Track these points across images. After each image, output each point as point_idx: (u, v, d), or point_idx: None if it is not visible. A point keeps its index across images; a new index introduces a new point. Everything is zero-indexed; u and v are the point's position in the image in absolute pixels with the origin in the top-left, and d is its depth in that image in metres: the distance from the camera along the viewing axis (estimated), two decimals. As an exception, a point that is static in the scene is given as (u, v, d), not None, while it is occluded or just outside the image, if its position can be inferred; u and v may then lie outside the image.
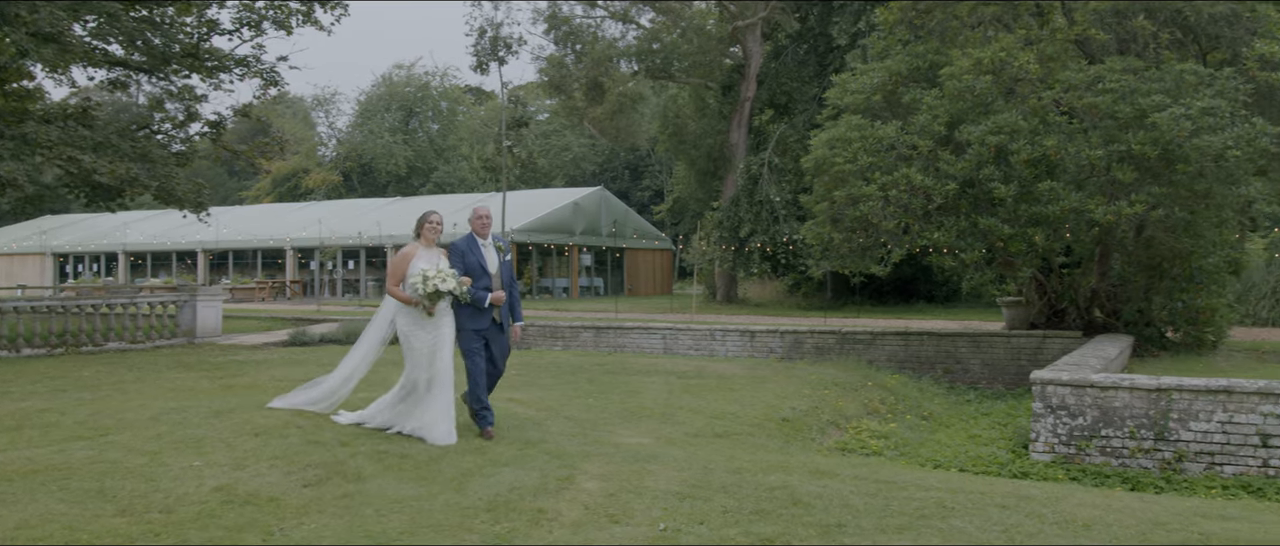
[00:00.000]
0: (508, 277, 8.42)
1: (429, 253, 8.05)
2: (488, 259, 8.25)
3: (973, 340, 17.88)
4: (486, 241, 8.35)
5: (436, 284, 7.70)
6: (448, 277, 7.76)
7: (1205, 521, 5.96)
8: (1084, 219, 14.88)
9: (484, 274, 8.16)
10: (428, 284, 7.70)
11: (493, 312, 8.24)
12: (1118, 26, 16.24)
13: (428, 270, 7.77)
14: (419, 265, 7.89)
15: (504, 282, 8.36)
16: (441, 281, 7.72)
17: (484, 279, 8.15)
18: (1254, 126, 13.80)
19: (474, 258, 8.17)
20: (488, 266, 8.21)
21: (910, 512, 5.90)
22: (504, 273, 8.37)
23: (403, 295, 7.93)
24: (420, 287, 7.73)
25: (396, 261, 8.04)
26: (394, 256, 8.19)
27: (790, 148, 29.41)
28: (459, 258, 8.13)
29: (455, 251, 8.17)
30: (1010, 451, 10.95)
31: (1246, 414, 9.77)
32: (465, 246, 8.23)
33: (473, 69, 33.86)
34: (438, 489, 6.26)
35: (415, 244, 8.10)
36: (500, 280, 8.32)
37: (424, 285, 7.71)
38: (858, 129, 16.73)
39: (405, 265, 7.95)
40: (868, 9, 27.50)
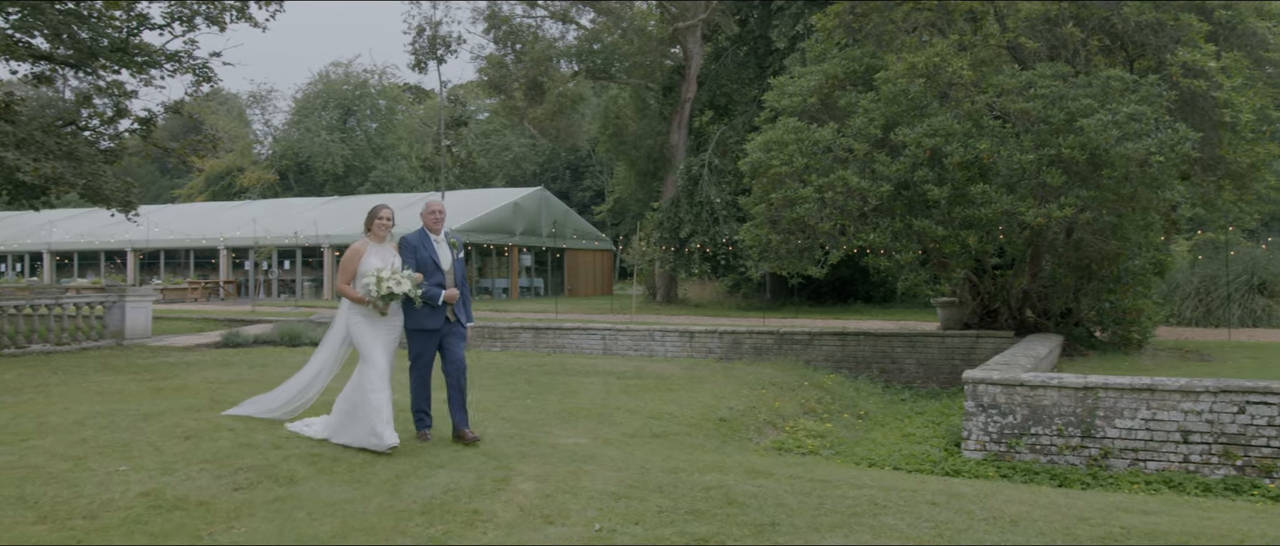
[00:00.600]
0: (460, 275, 8.17)
1: (381, 249, 7.80)
2: (441, 255, 7.99)
3: (908, 340, 18.13)
4: (439, 237, 8.08)
5: (391, 286, 7.45)
6: (403, 279, 7.50)
7: (1127, 516, 6.12)
8: (1016, 221, 15.17)
9: (437, 270, 7.91)
10: (382, 286, 7.45)
11: (446, 311, 8.00)
12: (1048, 33, 16.58)
13: (382, 270, 7.53)
14: (371, 262, 7.65)
15: (457, 280, 8.11)
16: (396, 283, 7.47)
17: (437, 275, 7.91)
18: (1177, 132, 14.17)
19: (426, 253, 7.92)
20: (441, 262, 7.96)
21: (843, 511, 5.97)
22: (457, 269, 8.13)
23: (354, 294, 7.67)
24: (374, 289, 7.48)
25: (347, 258, 7.77)
26: (345, 253, 7.80)
27: (730, 149, 29.58)
28: (411, 253, 7.88)
29: (407, 246, 7.91)
30: (943, 449, 11.12)
31: (1168, 411, 10.04)
32: (418, 241, 7.97)
33: (411, 68, 33.61)
34: (372, 491, 6.20)
35: (365, 239, 7.84)
36: (453, 277, 8.07)
37: (378, 287, 7.46)
38: (795, 131, 16.88)
39: (356, 262, 7.70)
40: (806, 13, 27.77)
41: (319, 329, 19.92)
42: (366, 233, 7.87)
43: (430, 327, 7.91)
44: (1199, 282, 23.66)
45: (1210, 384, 9.99)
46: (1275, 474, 9.64)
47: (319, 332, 19.49)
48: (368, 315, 7.68)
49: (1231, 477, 9.68)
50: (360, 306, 7.68)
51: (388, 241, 7.95)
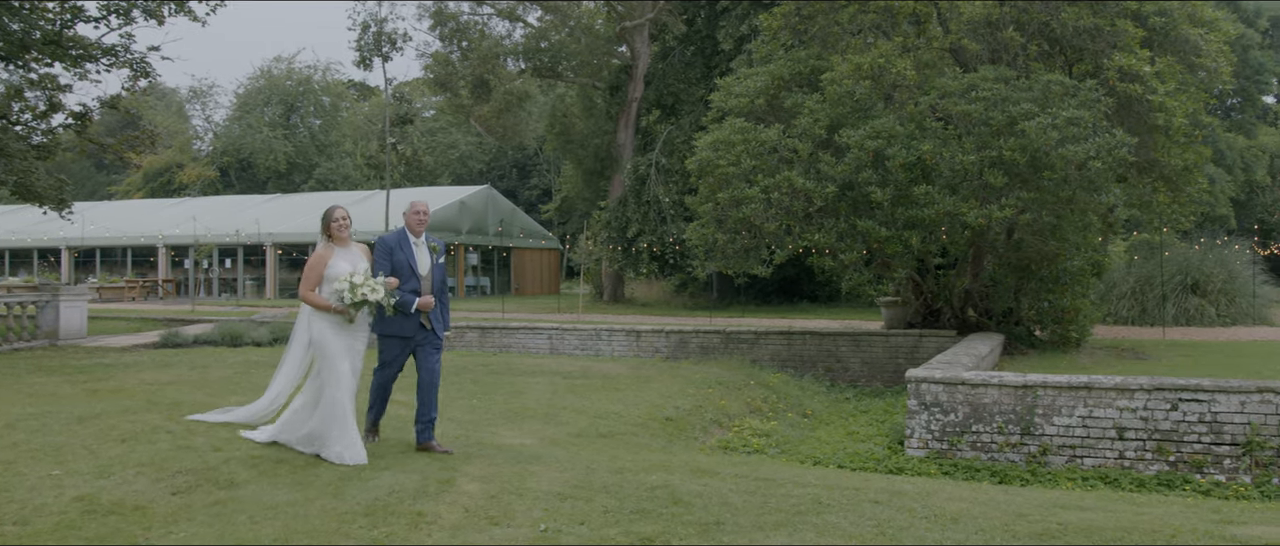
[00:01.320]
0: (439, 281, 7.71)
1: (346, 251, 7.37)
2: (418, 258, 7.55)
3: (852, 339, 18.31)
4: (419, 240, 7.62)
5: (365, 292, 7.01)
6: (377, 286, 7.06)
7: (1064, 512, 6.23)
8: (958, 222, 15.39)
9: (412, 275, 7.48)
10: (356, 292, 7.00)
11: (420, 317, 7.55)
12: (990, 37, 16.84)
13: (354, 274, 7.09)
14: (340, 266, 7.21)
15: (434, 287, 7.65)
16: (370, 290, 7.02)
17: (412, 281, 7.47)
18: (1114, 137, 14.48)
19: (403, 256, 7.48)
20: (417, 267, 7.51)
21: (787, 509, 6.01)
22: (436, 275, 7.67)
23: (321, 302, 7.18)
24: (347, 295, 7.01)
25: (312, 265, 7.30)
26: (309, 260, 7.33)
27: (677, 149, 29.65)
28: (386, 255, 7.45)
29: (383, 247, 7.48)
30: (887, 447, 11.25)
31: (1105, 409, 10.25)
32: (395, 243, 7.53)
33: (356, 64, 33.18)
34: (314, 494, 6.11)
35: (328, 244, 7.38)
36: (431, 283, 7.62)
37: (351, 293, 7.00)
38: (741, 132, 16.97)
39: (321, 268, 7.24)
40: (752, 14, 27.93)
41: (260, 328, 19.64)
42: (327, 238, 7.41)
43: (402, 335, 7.52)
44: (1135, 283, 24.18)
45: (1145, 382, 10.22)
46: (1206, 469, 9.88)
47: (261, 332, 19.22)
48: (335, 323, 7.23)
49: (1165, 473, 9.91)
50: (327, 314, 7.23)
51: (355, 242, 7.53)
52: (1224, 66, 17.15)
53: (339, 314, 7.18)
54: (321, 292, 7.27)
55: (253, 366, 13.87)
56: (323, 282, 7.27)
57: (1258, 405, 9.87)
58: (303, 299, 7.37)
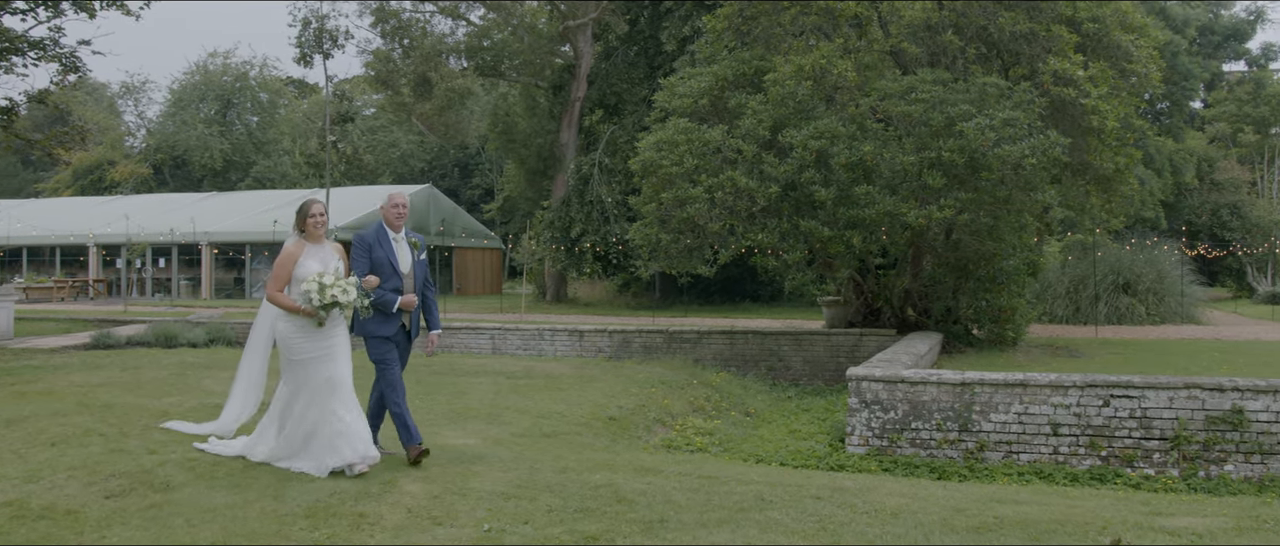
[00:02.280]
0: (422, 279, 7.36)
1: (318, 249, 6.90)
2: (399, 255, 7.16)
3: (794, 338, 18.46)
4: (399, 236, 7.23)
5: (335, 294, 6.54)
6: (348, 287, 6.61)
7: (1000, 506, 6.35)
8: (898, 222, 15.59)
9: (393, 273, 7.09)
10: (325, 293, 6.53)
11: (402, 318, 7.17)
12: (929, 40, 17.09)
13: (324, 275, 6.62)
14: (309, 264, 6.75)
15: (417, 284, 7.28)
16: (341, 291, 6.56)
17: (393, 279, 7.08)
18: (1048, 138, 14.78)
19: (382, 253, 7.08)
20: (398, 264, 7.13)
21: (730, 506, 6.04)
22: (418, 273, 7.30)
23: (289, 303, 6.71)
24: (316, 297, 6.54)
25: (280, 262, 6.83)
26: (278, 257, 6.89)
27: (621, 148, 29.66)
28: (364, 252, 7.04)
29: (361, 244, 7.08)
30: (828, 445, 11.36)
31: (1039, 405, 10.46)
32: (374, 239, 7.11)
33: (296, 61, 32.73)
34: (253, 496, 6.01)
35: (299, 240, 6.91)
36: (413, 281, 7.24)
37: (321, 294, 6.53)
38: (685, 132, 17.03)
39: (290, 266, 6.79)
40: (695, 14, 28.04)
41: (196, 329, 19.28)
42: (300, 233, 6.94)
43: (383, 335, 7.11)
44: (1069, 282, 24.73)
45: (1078, 379, 10.44)
46: (1136, 463, 10.13)
47: (196, 333, 18.86)
48: (303, 326, 6.75)
49: (1097, 467, 10.14)
50: (295, 317, 6.75)
51: (329, 241, 7.10)
52: (1154, 72, 17.60)
53: (308, 316, 6.70)
54: (290, 293, 6.81)
55: (188, 368, 13.61)
56: (292, 283, 6.82)
57: (1185, 401, 10.14)
58: (269, 299, 6.91)
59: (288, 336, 6.78)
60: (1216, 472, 9.91)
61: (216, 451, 7.19)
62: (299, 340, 6.75)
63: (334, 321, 6.81)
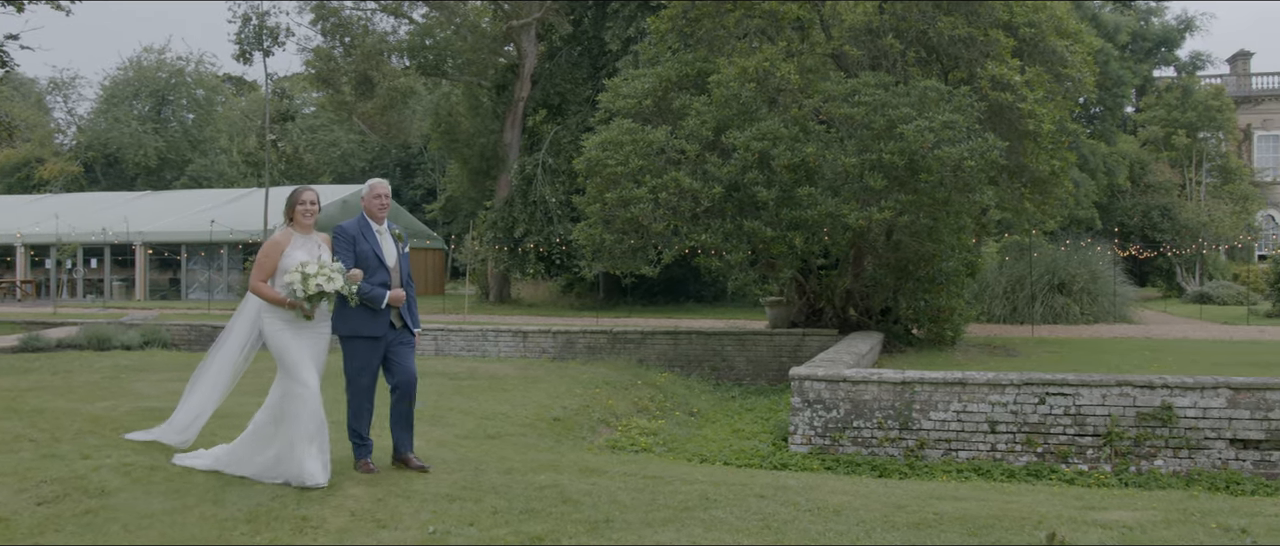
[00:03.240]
0: (407, 272, 6.99)
1: (306, 241, 6.59)
2: (384, 248, 6.78)
3: (738, 338, 18.57)
4: (382, 227, 6.87)
5: (320, 283, 6.22)
6: (334, 274, 6.28)
7: (939, 502, 6.45)
8: (840, 223, 15.75)
9: (380, 267, 6.69)
10: (309, 283, 6.21)
11: (391, 315, 6.76)
12: (871, 44, 17.29)
13: (307, 264, 6.32)
14: (296, 256, 6.43)
15: (403, 278, 6.91)
16: (326, 279, 6.24)
17: (380, 273, 6.67)
18: (986, 141, 15.05)
19: (367, 246, 6.70)
20: (384, 257, 6.75)
21: (675, 506, 6.07)
22: (403, 266, 6.93)
23: (273, 294, 6.41)
24: (299, 287, 6.22)
25: (265, 252, 6.51)
26: (262, 247, 6.57)
27: (564, 149, 29.60)
28: (347, 245, 6.66)
29: (343, 237, 6.70)
30: (771, 444, 11.44)
31: (978, 403, 10.64)
32: (356, 231, 6.75)
33: (235, 58, 32.19)
34: (192, 501, 5.89)
35: (287, 230, 6.60)
36: (399, 275, 6.86)
37: (305, 284, 6.21)
38: (629, 132, 17.05)
39: (276, 256, 6.46)
40: (639, 15, 28.08)
41: (130, 331, 18.88)
42: (288, 223, 6.64)
43: (371, 335, 6.66)
44: (1007, 283, 25.18)
45: (1014, 377, 10.64)
46: (1071, 459, 10.35)
47: (130, 336, 18.46)
48: (291, 321, 6.43)
49: (1033, 464, 10.35)
50: (281, 310, 6.41)
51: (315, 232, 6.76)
52: (1088, 77, 18.00)
53: (293, 308, 6.37)
54: (275, 285, 6.47)
55: (123, 371, 13.32)
56: (277, 273, 6.47)
57: (1117, 398, 10.38)
58: (252, 291, 6.55)
59: (276, 334, 6.45)
60: (1147, 467, 10.16)
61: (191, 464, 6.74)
62: (287, 336, 6.43)
63: (322, 317, 6.51)
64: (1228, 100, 42.64)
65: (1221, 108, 41.46)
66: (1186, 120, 41.04)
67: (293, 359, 6.40)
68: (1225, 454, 10.12)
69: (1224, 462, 10.09)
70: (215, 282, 35.57)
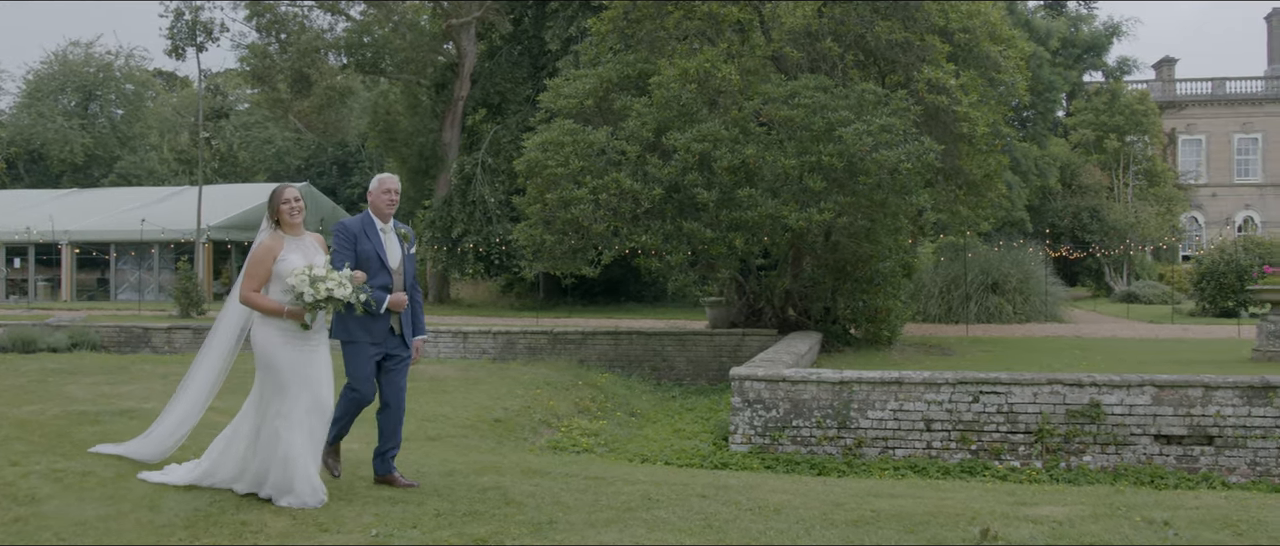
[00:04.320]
0: (411, 276, 6.50)
1: (299, 242, 6.05)
2: (388, 249, 6.30)
3: (678, 339, 18.65)
4: (387, 226, 6.38)
5: (330, 287, 5.67)
6: (344, 280, 5.74)
7: (877, 500, 6.57)
8: (779, 224, 15.90)
9: (382, 269, 6.23)
10: (318, 287, 5.65)
11: (390, 320, 6.31)
12: (810, 47, 17.48)
13: (313, 268, 5.77)
14: (293, 260, 5.88)
15: (407, 282, 6.44)
16: (336, 284, 5.69)
17: (382, 275, 6.22)
18: (923, 144, 15.32)
19: (370, 245, 6.22)
20: (387, 258, 6.27)
21: (618, 506, 6.10)
22: (407, 268, 6.45)
23: (269, 304, 5.87)
24: (308, 293, 5.65)
25: (257, 258, 5.96)
26: (252, 253, 6.03)
27: (504, 148, 29.48)
28: (348, 243, 6.18)
29: (344, 235, 6.22)
30: (712, 444, 11.52)
31: (914, 402, 10.83)
32: (359, 228, 6.25)
33: (168, 53, 31.53)
34: (128, 508, 5.76)
35: (275, 233, 6.02)
36: (402, 279, 6.41)
37: (314, 289, 5.65)
38: (570, 133, 17.05)
39: (269, 262, 5.93)
40: (580, 15, 28.07)
41: (57, 333, 18.43)
42: (275, 226, 6.06)
43: (372, 341, 6.22)
44: (942, 283, 25.64)
45: (949, 377, 10.85)
46: (1003, 456, 10.59)
47: (57, 337, 18.02)
48: (287, 331, 5.88)
49: (967, 461, 10.56)
50: (278, 321, 5.87)
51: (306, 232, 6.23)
52: (1021, 81, 18.43)
53: (291, 318, 5.84)
54: (269, 293, 5.96)
55: (50, 374, 12.99)
56: (271, 280, 5.97)
57: (1047, 396, 10.64)
58: (244, 302, 6.01)
59: (270, 345, 5.89)
60: (1076, 463, 10.43)
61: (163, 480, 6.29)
62: (284, 349, 5.88)
63: (318, 326, 5.98)
64: (1153, 105, 43.91)
65: (1147, 112, 42.66)
66: (1115, 124, 42.13)
67: (285, 380, 5.85)
68: (1150, 449, 10.42)
69: (1149, 457, 10.39)
70: (146, 283, 34.83)
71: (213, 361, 6.53)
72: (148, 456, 6.71)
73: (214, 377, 6.55)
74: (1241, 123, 49.79)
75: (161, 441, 6.72)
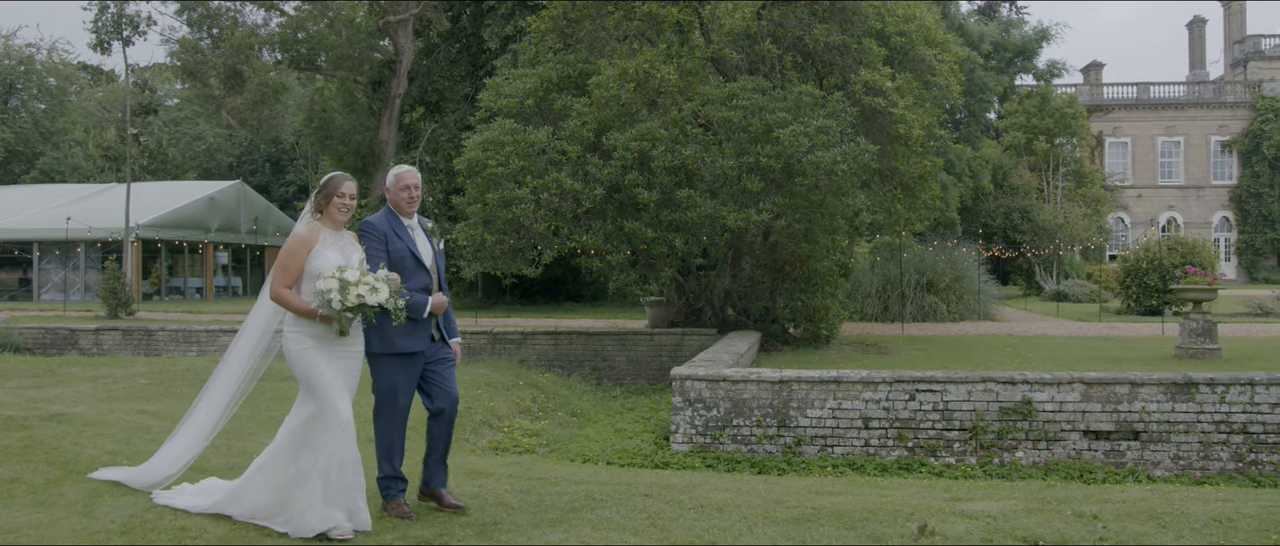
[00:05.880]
0: (443, 274, 6.00)
1: (337, 238, 5.44)
2: (420, 246, 5.78)
3: (618, 338, 18.68)
4: (413, 221, 5.86)
5: (361, 293, 5.07)
6: (378, 283, 5.12)
7: (817, 497, 6.67)
8: (718, 225, 16.02)
9: (418, 268, 5.69)
10: (349, 292, 5.06)
11: (430, 325, 5.76)
12: (749, 49, 17.64)
13: (345, 269, 5.17)
14: (327, 256, 5.30)
15: (440, 281, 5.93)
16: (369, 289, 5.09)
17: (418, 275, 5.67)
18: (859, 145, 15.54)
19: (401, 244, 5.69)
20: (422, 256, 5.75)
21: (562, 507, 6.11)
22: (440, 266, 5.95)
23: (301, 304, 5.26)
24: (338, 297, 5.06)
25: (291, 250, 5.34)
26: (286, 244, 5.43)
27: (442, 147, 29.29)
28: (379, 243, 5.63)
29: (373, 233, 5.66)
30: (653, 443, 11.57)
31: (852, 400, 10.99)
32: (387, 226, 5.71)
33: (92, 47, 30.72)
34: (61, 514, 5.62)
35: (314, 224, 5.43)
36: (437, 276, 5.87)
37: (344, 294, 5.06)
38: (511, 133, 16.98)
39: (304, 256, 5.31)
40: (518, 14, 27.97)
41: (-20, 334, 17.88)
42: (316, 215, 5.45)
43: (409, 351, 5.61)
44: (878, 282, 26.03)
45: (887, 375, 11.03)
46: (939, 453, 10.79)
47: (-20, 338, 17.48)
48: (322, 337, 5.28)
49: (904, 458, 10.75)
50: (308, 324, 5.26)
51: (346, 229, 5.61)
52: (955, 84, 18.79)
53: (326, 322, 5.23)
54: (301, 291, 5.34)
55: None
56: (304, 278, 5.34)
57: (981, 394, 10.87)
58: (274, 298, 5.39)
59: (303, 352, 5.27)
60: (1009, 459, 10.67)
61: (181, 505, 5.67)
62: (315, 355, 5.25)
63: (355, 332, 5.39)
64: (1081, 108, 45.05)
65: (1075, 115, 43.74)
66: (1045, 126, 43.13)
67: (324, 383, 5.23)
68: (1079, 444, 10.70)
69: (1078, 453, 10.67)
70: (72, 282, 33.96)
71: (234, 368, 5.86)
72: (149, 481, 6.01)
73: (236, 387, 5.88)
74: (1165, 126, 51.28)
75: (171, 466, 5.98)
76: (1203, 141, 51.03)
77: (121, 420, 8.46)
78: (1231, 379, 10.71)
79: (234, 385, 5.87)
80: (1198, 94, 51.72)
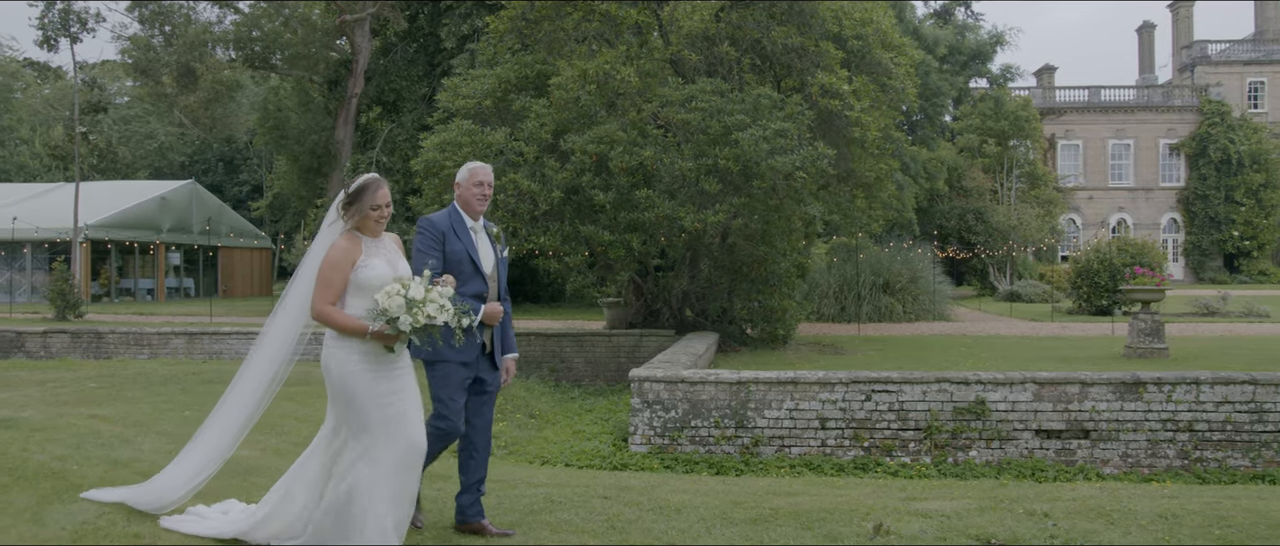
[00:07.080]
0: (503, 284, 5.53)
1: (379, 246, 4.90)
2: (481, 250, 5.35)
3: (576, 340, 18.67)
4: (477, 225, 5.43)
5: (431, 313, 4.53)
6: (446, 300, 4.59)
7: (775, 497, 6.72)
8: (676, 226, 16.07)
9: (475, 274, 5.27)
10: (415, 312, 4.51)
11: (482, 335, 5.30)
12: (708, 51, 17.72)
13: (409, 283, 4.61)
14: (379, 268, 4.75)
15: (500, 290, 5.48)
16: (438, 308, 4.56)
17: (475, 282, 5.24)
18: (816, 150, 15.67)
19: (460, 246, 5.26)
20: (481, 262, 5.32)
21: (521, 509, 6.10)
22: (501, 275, 5.51)
23: (351, 322, 4.67)
24: (406, 318, 4.51)
25: (333, 262, 4.74)
26: (326, 256, 4.78)
27: (399, 147, 29.10)
28: (435, 243, 5.23)
29: (431, 232, 5.26)
30: (612, 445, 11.58)
31: (809, 401, 11.07)
32: (448, 226, 5.30)
33: (39, 44, 30.12)
34: (9, 522, 5.50)
35: (353, 235, 4.83)
36: (496, 285, 5.44)
37: (411, 314, 4.51)
38: (469, 134, 16.93)
39: (348, 268, 4.74)
40: (477, 13, 27.87)
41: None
42: (349, 223, 4.85)
43: (462, 360, 5.17)
44: (835, 283, 26.25)
45: (843, 376, 11.13)
46: (894, 453, 10.90)
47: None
48: (370, 356, 4.71)
49: (860, 458, 10.85)
50: (357, 342, 4.70)
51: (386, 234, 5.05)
52: (910, 87, 19.01)
53: (376, 340, 4.67)
54: (346, 306, 4.78)
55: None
56: (348, 291, 4.79)
57: (936, 394, 11.00)
58: (318, 317, 4.78)
59: (350, 373, 4.69)
60: (963, 458, 10.81)
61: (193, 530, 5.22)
62: (364, 377, 4.69)
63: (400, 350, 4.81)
64: (1034, 111, 45.75)
65: (1029, 118, 44.40)
66: (999, 129, 43.74)
67: (370, 416, 4.69)
68: (1031, 443, 10.87)
69: (1030, 452, 10.83)
70: (18, 284, 33.27)
71: (251, 388, 5.36)
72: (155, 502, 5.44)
73: (256, 400, 5.36)
74: (1115, 129, 52.17)
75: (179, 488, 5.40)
76: (1152, 144, 51.98)
77: (71, 425, 8.31)
78: (1177, 378, 10.93)
79: (255, 398, 5.34)
80: (1147, 98, 52.67)
